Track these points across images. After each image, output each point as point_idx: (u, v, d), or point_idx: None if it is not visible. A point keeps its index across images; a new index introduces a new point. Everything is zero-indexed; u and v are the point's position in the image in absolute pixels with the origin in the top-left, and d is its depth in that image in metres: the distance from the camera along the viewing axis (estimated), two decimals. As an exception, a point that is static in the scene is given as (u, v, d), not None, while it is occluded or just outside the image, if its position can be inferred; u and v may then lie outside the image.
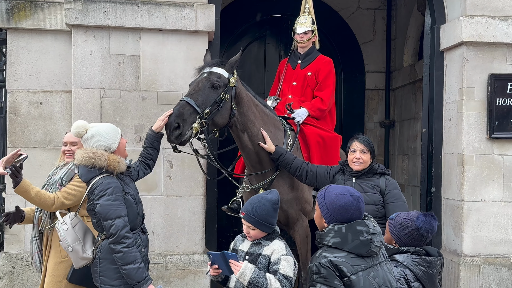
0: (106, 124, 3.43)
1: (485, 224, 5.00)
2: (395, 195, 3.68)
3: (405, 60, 7.67)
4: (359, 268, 2.40)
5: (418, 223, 2.85)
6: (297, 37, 5.10)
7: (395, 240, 2.92)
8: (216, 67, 3.84)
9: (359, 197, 2.54)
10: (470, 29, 4.95)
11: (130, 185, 3.32)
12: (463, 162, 4.99)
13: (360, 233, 2.45)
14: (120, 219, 3.12)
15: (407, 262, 2.79)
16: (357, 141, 3.75)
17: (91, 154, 3.19)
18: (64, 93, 4.86)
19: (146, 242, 3.41)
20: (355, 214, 2.50)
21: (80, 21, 4.61)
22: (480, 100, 5.02)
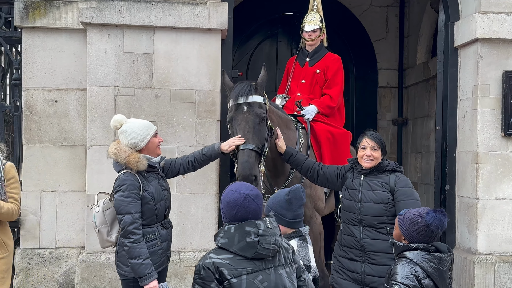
0: (139, 121, 3.50)
1: (500, 222, 4.96)
2: (405, 193, 3.52)
3: (418, 58, 7.63)
4: (243, 271, 2.33)
5: (428, 219, 2.81)
6: (305, 35, 5.11)
7: (404, 236, 2.88)
8: (252, 95, 3.77)
9: (247, 195, 2.44)
10: (485, 26, 4.91)
11: (152, 183, 3.40)
12: (478, 159, 4.95)
13: (247, 234, 2.36)
14: (129, 216, 3.25)
15: (417, 259, 2.76)
16: (368, 138, 3.64)
17: (115, 150, 3.37)
18: (78, 91, 4.90)
19: (166, 236, 3.48)
20: (240, 212, 2.41)
21: (94, 20, 4.65)
22: (495, 97, 4.98)
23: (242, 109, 3.74)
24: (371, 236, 3.53)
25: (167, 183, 3.61)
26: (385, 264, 3.48)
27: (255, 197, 2.46)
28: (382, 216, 3.53)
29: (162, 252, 3.42)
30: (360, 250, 3.56)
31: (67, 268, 4.81)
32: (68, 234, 4.88)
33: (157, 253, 3.36)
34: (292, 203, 2.83)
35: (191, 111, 4.79)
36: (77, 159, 4.89)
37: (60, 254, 4.83)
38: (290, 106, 4.95)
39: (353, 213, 3.61)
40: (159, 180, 3.49)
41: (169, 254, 3.57)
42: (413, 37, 7.81)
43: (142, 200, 3.32)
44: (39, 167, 4.86)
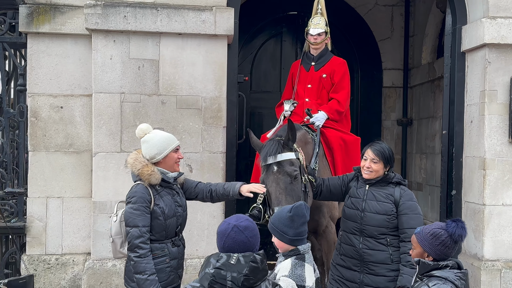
0: (162, 134, 3.45)
1: (507, 228, 4.95)
2: (410, 207, 3.51)
3: (423, 58, 7.58)
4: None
5: (450, 230, 2.77)
6: (311, 39, 5.06)
7: (428, 253, 2.81)
8: (280, 153, 3.62)
9: (235, 225, 2.43)
10: (493, 31, 4.87)
11: (164, 198, 3.35)
12: (485, 165, 4.93)
13: (208, 265, 2.38)
14: (136, 229, 3.21)
15: (451, 278, 2.70)
16: (370, 150, 3.61)
17: (132, 160, 3.36)
18: (84, 97, 4.88)
19: (176, 254, 3.41)
20: (228, 242, 2.41)
21: (100, 26, 4.62)
22: (503, 103, 4.95)
23: (272, 170, 3.62)
24: (371, 246, 3.54)
25: (183, 200, 3.52)
26: (384, 275, 3.50)
27: (244, 229, 2.44)
28: (384, 228, 3.53)
29: (171, 270, 3.35)
30: (358, 260, 3.57)
31: (74, 274, 4.82)
32: (74, 240, 4.89)
33: (164, 271, 3.30)
34: (294, 221, 2.74)
35: (197, 117, 4.77)
36: (83, 165, 4.89)
37: (66, 261, 4.84)
38: (299, 112, 4.93)
39: (355, 222, 3.61)
40: (174, 196, 3.43)
41: (180, 273, 3.49)
42: (418, 36, 7.75)
43: (152, 214, 3.26)
44: (44, 173, 4.85)
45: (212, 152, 4.79)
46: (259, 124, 7.59)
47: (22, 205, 4.95)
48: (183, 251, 3.54)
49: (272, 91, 7.62)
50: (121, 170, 4.66)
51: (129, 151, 4.66)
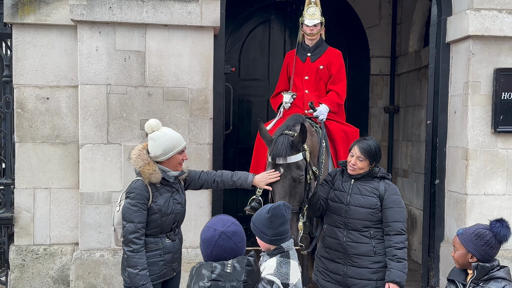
0: (170, 134, 3.43)
1: (488, 217, 4.92)
2: (394, 201, 3.59)
3: (410, 46, 7.61)
4: None
5: (495, 230, 2.80)
6: (307, 30, 5.05)
7: (472, 253, 2.82)
8: (290, 156, 3.60)
9: (222, 232, 2.28)
10: (477, 23, 4.91)
11: (163, 195, 3.40)
12: (467, 155, 5.02)
13: (201, 278, 2.21)
14: (131, 224, 3.28)
15: (508, 277, 2.75)
16: (357, 147, 3.65)
17: (135, 155, 3.38)
18: (70, 88, 4.88)
19: (170, 248, 3.46)
20: (215, 251, 2.27)
21: (85, 17, 4.60)
22: (486, 94, 5.02)
23: (279, 170, 3.62)
24: (354, 239, 3.61)
25: (183, 197, 3.57)
26: (367, 267, 3.58)
27: (232, 234, 2.31)
28: (367, 221, 3.60)
29: (164, 264, 3.42)
30: (342, 253, 3.65)
31: (62, 264, 4.87)
32: (62, 231, 4.93)
33: (157, 264, 3.38)
34: (272, 222, 2.69)
35: (183, 109, 4.79)
36: (70, 157, 4.91)
37: (54, 251, 4.89)
38: (299, 103, 4.96)
39: (339, 215, 3.67)
40: (173, 193, 3.47)
41: (175, 266, 3.54)
42: (405, 24, 7.77)
43: (149, 210, 3.33)
44: (31, 164, 4.87)
45: (199, 143, 4.82)
46: (248, 112, 7.63)
47: (9, 196, 4.97)
48: (179, 246, 3.59)
49: (261, 78, 7.63)
50: (108, 161, 4.71)
51: (116, 143, 4.70)
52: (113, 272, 4.67)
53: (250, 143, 6.65)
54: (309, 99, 4.90)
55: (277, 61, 7.17)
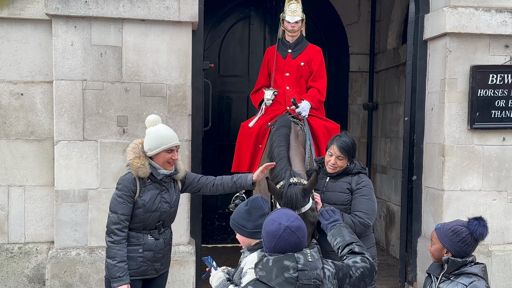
0: (160, 131, 3.43)
1: (464, 213, 5.10)
2: (362, 191, 3.65)
3: (389, 43, 7.66)
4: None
5: (472, 228, 2.81)
6: (289, 26, 5.05)
7: (447, 249, 2.84)
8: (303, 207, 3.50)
9: (287, 226, 2.30)
10: (454, 20, 4.96)
11: (150, 192, 3.40)
12: (444, 152, 5.07)
13: (285, 269, 2.22)
14: (115, 215, 3.33)
15: (480, 273, 2.77)
16: (336, 146, 3.68)
17: (130, 148, 3.44)
18: (45, 84, 4.79)
19: (152, 247, 3.45)
20: (279, 244, 2.30)
21: (60, 11, 4.51)
22: (462, 91, 5.07)
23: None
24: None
25: (173, 197, 3.53)
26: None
27: (296, 229, 2.32)
28: None
29: (143, 261, 3.41)
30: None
31: (37, 263, 4.79)
32: (37, 229, 4.85)
33: (136, 260, 3.37)
34: (251, 213, 2.74)
35: (161, 105, 4.74)
36: (45, 154, 4.82)
37: (29, 249, 4.80)
38: (280, 100, 4.96)
39: None
40: (162, 191, 3.46)
41: (157, 267, 3.50)
42: (384, 21, 7.82)
43: (134, 204, 3.36)
44: (5, 161, 4.77)
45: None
46: (228, 108, 7.60)
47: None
48: (164, 246, 3.54)
49: (241, 75, 7.61)
50: (84, 158, 4.64)
51: (92, 140, 4.64)
52: (90, 271, 4.61)
53: (230, 140, 6.64)
54: (290, 96, 4.91)
55: (257, 57, 7.15)
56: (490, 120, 5.07)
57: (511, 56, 5.10)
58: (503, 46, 5.08)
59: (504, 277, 5.17)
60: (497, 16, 5.00)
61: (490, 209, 5.15)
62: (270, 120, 4.84)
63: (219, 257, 7.00)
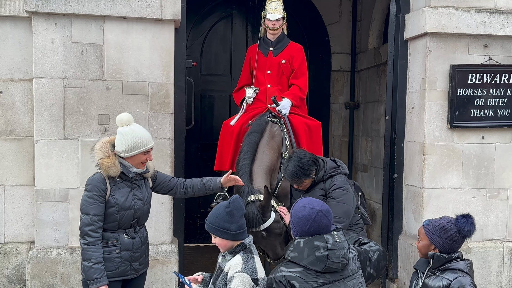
0: (137, 133, 3.38)
1: (444, 210, 5.18)
2: (332, 194, 3.70)
3: (370, 43, 7.73)
4: (314, 284, 2.41)
5: (459, 225, 2.86)
6: (269, 24, 5.08)
7: (435, 245, 2.89)
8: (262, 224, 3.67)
9: (319, 210, 2.52)
10: (434, 20, 5.02)
11: (122, 190, 3.36)
12: (424, 150, 5.14)
13: (316, 249, 2.44)
14: (87, 216, 3.27)
15: (465, 269, 2.82)
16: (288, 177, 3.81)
17: (98, 147, 3.36)
18: (25, 82, 4.72)
19: (129, 246, 3.41)
20: (313, 227, 2.50)
21: (40, 8, 4.44)
22: (442, 90, 5.14)
23: (261, 235, 3.71)
24: None
25: (145, 194, 3.51)
26: None
27: (326, 212, 2.54)
28: None
29: (121, 261, 3.36)
30: None
31: (17, 263, 4.72)
32: (17, 229, 4.77)
33: (113, 260, 3.33)
34: (234, 215, 2.75)
35: (144, 103, 4.71)
36: (25, 152, 4.75)
37: (9, 250, 4.72)
38: (262, 98, 4.97)
39: None
40: (133, 189, 3.42)
41: (136, 266, 3.47)
42: (365, 21, 7.88)
43: (106, 204, 3.31)
44: (-16, 160, 4.69)
45: (160, 139, 4.75)
46: (210, 107, 7.58)
47: (-40, 193, 4.78)
48: (140, 245, 3.51)
49: (223, 73, 7.60)
50: (65, 157, 4.58)
51: (73, 138, 4.58)
52: (71, 271, 4.55)
53: (213, 139, 6.63)
54: (271, 94, 4.93)
55: (240, 56, 7.15)
56: (470, 118, 5.15)
57: (490, 55, 5.19)
58: (482, 46, 5.17)
59: (483, 274, 5.26)
60: (477, 16, 5.08)
61: (470, 207, 5.24)
62: (251, 118, 4.85)
63: (202, 256, 6.99)
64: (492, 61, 5.19)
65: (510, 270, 5.31)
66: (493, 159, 5.26)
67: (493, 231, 5.31)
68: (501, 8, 5.17)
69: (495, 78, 5.16)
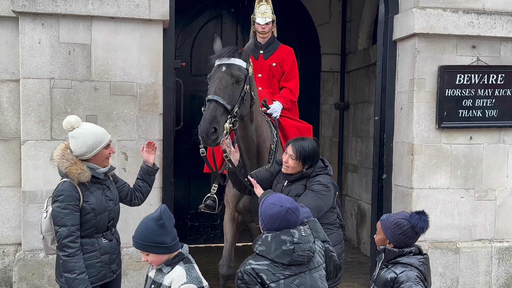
0: (92, 131, 3.31)
1: (433, 210, 5.21)
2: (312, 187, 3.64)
3: (359, 43, 7.75)
4: (281, 276, 2.49)
5: (413, 222, 2.92)
6: (259, 28, 5.07)
7: (389, 240, 2.96)
8: (234, 57, 3.78)
9: (289, 208, 2.59)
10: (422, 21, 5.04)
11: (94, 193, 3.28)
12: (413, 151, 5.15)
13: (283, 243, 2.52)
14: (64, 228, 3.14)
15: (416, 264, 2.86)
16: (291, 146, 3.74)
17: (59, 156, 3.22)
18: (12, 82, 4.68)
19: (107, 249, 3.35)
20: (282, 224, 2.57)
21: (27, 8, 4.41)
22: (430, 91, 5.16)
23: (220, 69, 3.76)
24: None
25: (114, 193, 3.47)
26: None
27: (295, 210, 2.62)
28: None
29: (102, 265, 3.31)
30: None
31: (4, 265, 4.67)
32: (4, 231, 4.73)
33: (94, 266, 3.26)
34: (166, 226, 2.59)
35: (132, 104, 4.68)
36: (12, 154, 4.71)
37: (-5, 252, 4.68)
38: None
39: None
40: (104, 190, 3.36)
41: (114, 268, 3.43)
42: (355, 22, 7.90)
43: (81, 211, 3.20)
44: (-30, 162, 4.64)
45: (148, 139, 4.70)
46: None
47: None
48: (117, 246, 3.47)
49: (213, 75, 7.56)
50: (52, 158, 4.53)
51: (60, 139, 4.53)
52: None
53: (202, 139, 6.60)
54: (262, 97, 4.92)
55: (229, 57, 7.12)
56: (458, 119, 5.18)
57: (478, 56, 5.22)
58: (470, 47, 5.20)
59: (472, 274, 5.28)
60: (465, 17, 5.11)
61: (458, 207, 5.26)
62: None
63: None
64: (480, 62, 5.22)
65: (499, 270, 5.34)
66: (481, 159, 5.29)
67: (482, 231, 5.34)
68: (489, 9, 5.20)
69: (483, 79, 5.19)
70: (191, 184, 7.16)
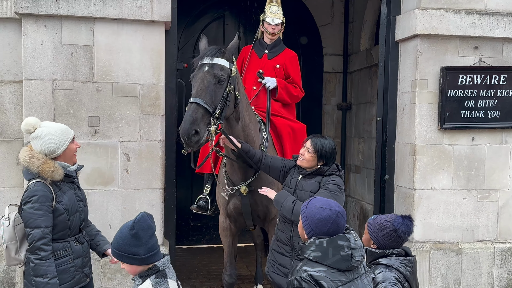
0: (55, 126, 3.28)
1: (435, 211, 5.21)
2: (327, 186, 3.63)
3: (362, 44, 7.75)
4: (339, 283, 2.41)
5: (396, 225, 2.92)
6: (269, 28, 5.08)
7: (373, 241, 2.97)
8: (217, 57, 3.77)
9: (338, 211, 2.53)
10: (424, 22, 5.04)
11: (67, 193, 3.20)
12: (415, 152, 5.15)
13: (341, 248, 2.45)
14: (38, 230, 3.04)
15: (396, 265, 2.86)
16: (310, 140, 3.75)
17: (27, 157, 3.12)
18: (14, 84, 4.70)
19: (80, 252, 3.28)
20: (332, 228, 2.50)
21: (30, 10, 4.42)
22: (433, 92, 5.16)
23: (203, 69, 3.74)
24: None
25: (83, 193, 3.41)
26: None
27: (343, 213, 2.58)
28: None
29: (76, 270, 3.22)
30: (290, 247, 3.70)
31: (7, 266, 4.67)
32: (7, 231, 4.73)
33: (68, 271, 3.17)
34: (140, 237, 2.41)
35: (134, 105, 4.69)
36: (14, 155, 4.62)
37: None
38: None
39: None
40: (75, 190, 3.29)
41: (87, 272, 3.35)
42: (357, 23, 7.90)
43: (54, 212, 3.10)
44: (-27, 163, 4.66)
45: (151, 140, 4.74)
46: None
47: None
48: (88, 249, 3.40)
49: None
50: (55, 159, 4.55)
51: (63, 140, 4.55)
52: (61, 273, 4.53)
53: (204, 140, 6.61)
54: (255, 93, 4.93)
55: (231, 57, 7.13)
56: (460, 120, 5.18)
57: (480, 57, 5.21)
58: (472, 48, 5.19)
59: (474, 275, 5.28)
60: (467, 18, 5.10)
61: (460, 208, 5.26)
62: None
63: (194, 258, 6.99)
64: (482, 62, 5.21)
65: (501, 271, 5.33)
66: (483, 160, 5.28)
67: (484, 232, 5.33)
68: (491, 9, 5.19)
69: (485, 80, 5.19)
70: (193, 185, 7.17)
